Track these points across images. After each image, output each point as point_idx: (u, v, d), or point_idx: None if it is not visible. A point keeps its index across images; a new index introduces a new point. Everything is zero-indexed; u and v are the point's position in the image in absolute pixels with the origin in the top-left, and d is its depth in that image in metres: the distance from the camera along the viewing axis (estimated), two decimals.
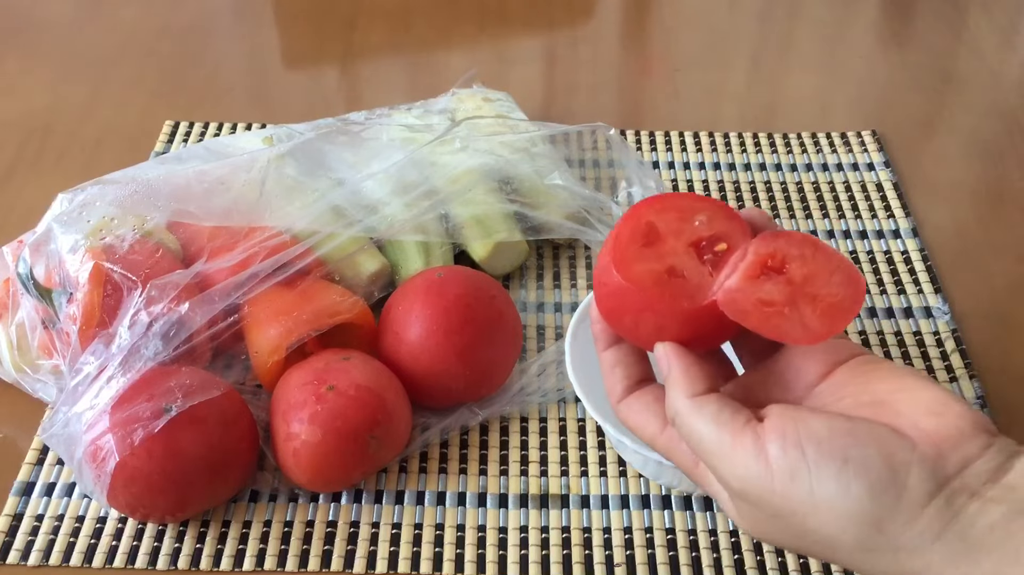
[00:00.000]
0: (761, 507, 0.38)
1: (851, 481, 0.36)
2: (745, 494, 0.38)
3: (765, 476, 0.37)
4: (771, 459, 0.37)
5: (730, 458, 0.38)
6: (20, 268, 0.59)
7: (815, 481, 0.36)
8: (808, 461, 0.37)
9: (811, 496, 0.36)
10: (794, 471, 0.37)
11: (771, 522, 0.38)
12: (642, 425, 0.43)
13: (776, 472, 0.37)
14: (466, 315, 0.59)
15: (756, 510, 0.38)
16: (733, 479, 0.38)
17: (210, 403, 0.53)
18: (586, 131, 0.81)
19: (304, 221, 0.62)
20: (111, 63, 0.93)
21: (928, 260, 0.72)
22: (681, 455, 0.42)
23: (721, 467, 0.38)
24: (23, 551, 0.55)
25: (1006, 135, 0.85)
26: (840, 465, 0.36)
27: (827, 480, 0.36)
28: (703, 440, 0.39)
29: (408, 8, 1.01)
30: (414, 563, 0.55)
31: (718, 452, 0.38)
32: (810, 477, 0.36)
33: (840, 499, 0.36)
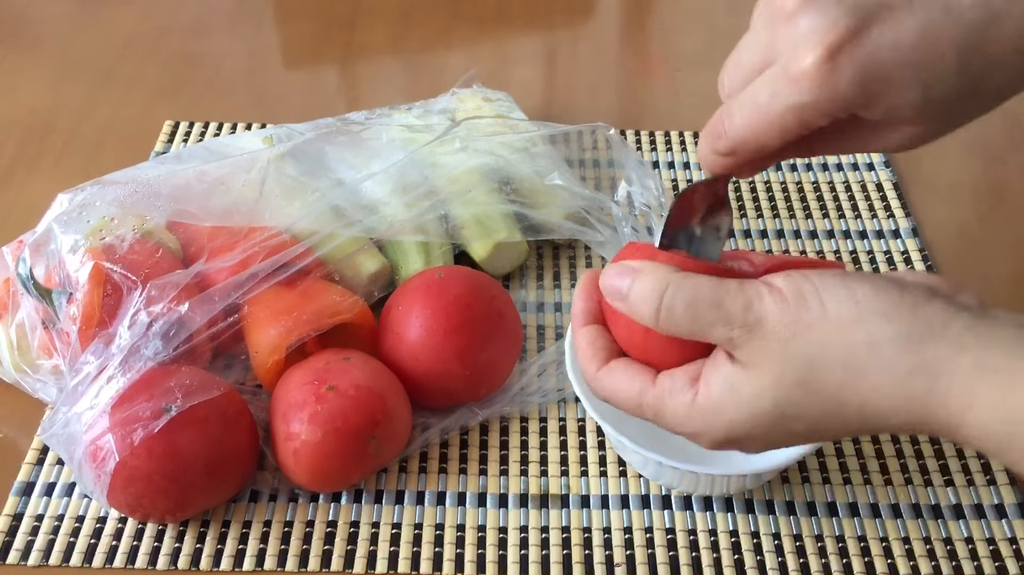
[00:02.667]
0: (777, 333, 0.39)
1: (855, 286, 0.38)
2: (761, 323, 0.39)
3: (778, 302, 0.39)
4: (780, 287, 0.39)
5: (742, 295, 0.39)
6: (20, 268, 0.59)
7: (823, 293, 0.38)
8: (813, 281, 0.39)
9: (821, 306, 0.38)
10: (803, 290, 0.39)
11: (786, 351, 0.39)
12: (628, 380, 0.43)
13: (788, 295, 0.39)
14: (466, 315, 0.59)
15: (770, 342, 0.39)
16: (748, 313, 0.39)
17: (210, 403, 0.53)
18: (586, 131, 0.81)
19: (304, 221, 0.62)
20: (111, 63, 0.93)
21: (928, 260, 0.72)
22: (675, 399, 0.42)
23: (732, 307, 0.39)
24: (23, 551, 0.55)
25: (1006, 135, 0.85)
26: (842, 279, 0.39)
27: (833, 290, 0.38)
28: (705, 297, 0.40)
29: (408, 8, 1.01)
30: (414, 563, 0.55)
31: (726, 298, 0.40)
32: (817, 291, 0.38)
33: (848, 301, 0.38)
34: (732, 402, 0.40)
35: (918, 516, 0.57)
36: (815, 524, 0.56)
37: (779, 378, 0.39)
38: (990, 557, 0.55)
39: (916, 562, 0.54)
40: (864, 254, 0.73)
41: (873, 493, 0.58)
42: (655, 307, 0.41)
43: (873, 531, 0.56)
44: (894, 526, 0.56)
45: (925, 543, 0.55)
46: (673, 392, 0.42)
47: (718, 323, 0.40)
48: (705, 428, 0.41)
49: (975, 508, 0.57)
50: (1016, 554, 0.55)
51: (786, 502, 0.57)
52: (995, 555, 0.55)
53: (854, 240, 0.74)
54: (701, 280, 0.40)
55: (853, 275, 0.39)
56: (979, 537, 0.56)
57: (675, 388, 0.42)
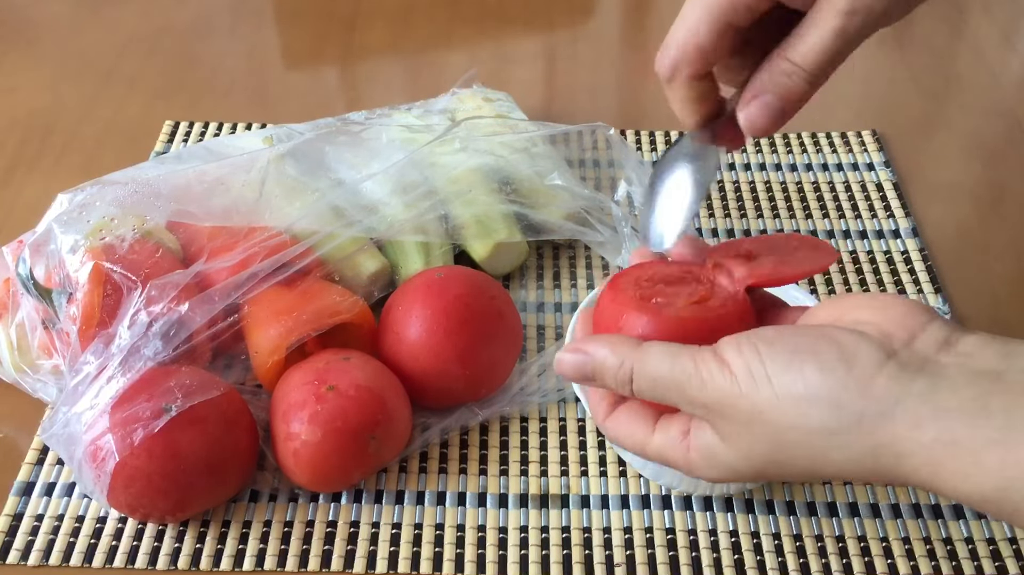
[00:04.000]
0: (735, 417, 0.39)
1: (803, 365, 0.38)
2: (720, 405, 0.40)
3: (731, 383, 0.39)
4: (731, 366, 0.39)
5: (698, 377, 0.40)
6: (20, 268, 0.59)
7: (771, 374, 0.38)
8: (762, 357, 0.39)
9: (772, 390, 0.38)
10: (752, 370, 0.39)
11: (748, 433, 0.39)
12: (631, 433, 0.45)
13: (739, 375, 0.39)
14: (466, 315, 0.59)
15: (733, 423, 0.40)
16: (705, 393, 0.40)
17: (210, 403, 0.53)
18: (586, 131, 0.80)
19: (304, 221, 0.62)
20: (111, 63, 0.93)
21: (928, 260, 0.72)
22: (674, 451, 0.43)
23: (691, 390, 0.40)
24: (23, 551, 0.55)
25: (1006, 135, 0.85)
26: (790, 355, 0.39)
27: (781, 370, 0.38)
28: (664, 378, 0.41)
29: (408, 8, 1.01)
30: (414, 563, 0.55)
31: (683, 380, 0.40)
32: (766, 371, 0.39)
33: (796, 384, 0.38)
34: (716, 464, 0.42)
35: (918, 516, 0.57)
36: (815, 524, 0.56)
37: (750, 455, 0.40)
38: (990, 557, 0.55)
39: (916, 562, 0.54)
40: (864, 254, 0.73)
41: (873, 493, 0.58)
42: (627, 388, 0.43)
43: (873, 531, 0.56)
44: (894, 526, 0.56)
45: (925, 543, 0.55)
46: (670, 446, 0.44)
47: (683, 403, 0.41)
48: (704, 473, 0.43)
49: None
50: (1016, 554, 0.55)
51: (786, 502, 0.57)
52: (995, 555, 0.55)
53: (854, 240, 0.74)
54: (658, 357, 0.41)
55: (803, 349, 0.39)
56: (979, 537, 0.56)
57: (669, 443, 0.43)
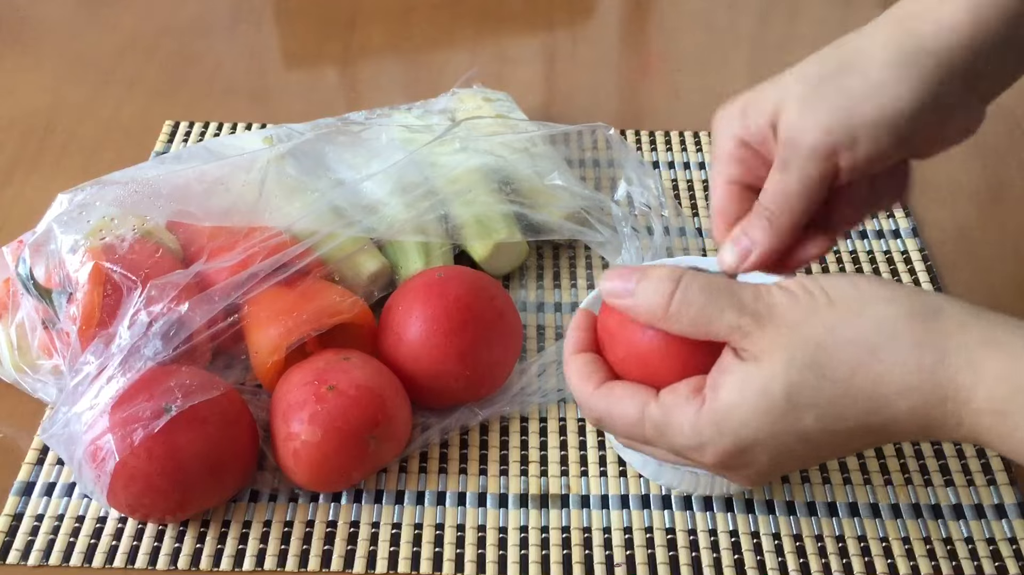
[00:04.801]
0: (787, 320, 0.40)
1: (857, 280, 0.41)
2: (769, 311, 0.40)
3: (786, 294, 0.41)
4: (787, 286, 0.41)
5: (752, 288, 0.41)
6: (20, 268, 0.59)
7: (829, 289, 0.40)
8: (819, 280, 0.41)
9: (828, 299, 0.40)
10: (809, 287, 0.41)
11: (795, 336, 0.40)
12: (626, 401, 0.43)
13: (795, 291, 0.41)
14: (466, 315, 0.59)
15: (780, 328, 0.40)
16: (757, 303, 0.41)
17: (210, 403, 0.53)
18: (586, 131, 0.80)
19: (304, 221, 0.62)
20: (111, 63, 0.93)
21: (928, 260, 0.72)
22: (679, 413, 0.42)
23: (744, 295, 0.41)
24: (23, 551, 0.55)
25: (1006, 135, 0.85)
26: (847, 279, 0.41)
27: (839, 285, 0.41)
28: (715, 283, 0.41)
29: (408, 8, 1.01)
30: (414, 563, 0.55)
31: (735, 287, 0.41)
32: (823, 288, 0.40)
33: (854, 293, 0.40)
34: (742, 399, 0.40)
35: (918, 516, 0.57)
36: (815, 524, 0.56)
37: (789, 363, 0.39)
38: (990, 557, 0.55)
39: (916, 562, 0.54)
40: (864, 254, 0.73)
41: (873, 493, 0.58)
42: (667, 296, 0.41)
43: (873, 531, 0.56)
44: (894, 526, 0.56)
45: (925, 543, 0.55)
46: (677, 404, 0.42)
47: (729, 308, 0.40)
48: (712, 437, 0.41)
49: (975, 508, 0.57)
50: (1016, 554, 0.55)
51: (786, 502, 0.57)
52: (995, 555, 0.55)
53: (854, 240, 0.74)
54: (712, 276, 0.42)
55: (855, 274, 0.42)
56: (979, 537, 0.56)
57: (679, 401, 0.42)
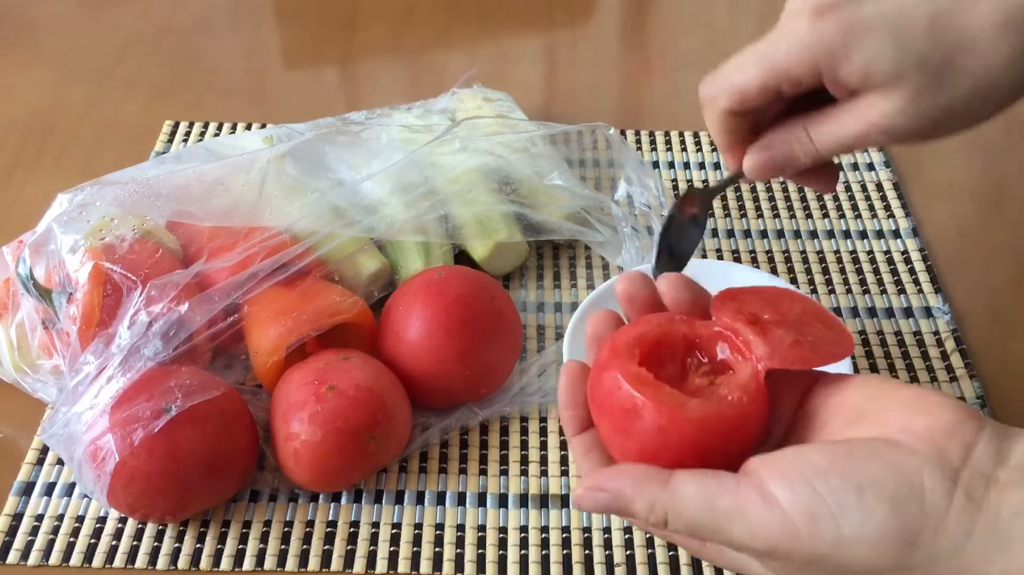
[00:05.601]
0: (791, 557, 0.36)
1: (873, 505, 0.35)
2: (773, 551, 0.36)
3: (787, 524, 0.35)
4: (784, 505, 0.35)
5: (743, 520, 0.36)
6: (20, 268, 0.59)
7: (839, 516, 0.35)
8: (824, 496, 0.35)
9: (839, 532, 0.35)
10: (813, 511, 0.35)
11: (805, 571, 0.36)
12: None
13: (796, 516, 0.35)
14: (466, 315, 0.59)
15: (786, 563, 0.36)
16: (755, 540, 0.36)
17: (210, 403, 0.53)
18: (586, 131, 0.81)
19: (304, 221, 0.62)
20: (111, 63, 0.93)
21: (928, 260, 0.72)
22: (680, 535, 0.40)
23: (736, 533, 0.36)
24: (23, 551, 0.55)
25: (1006, 135, 0.85)
26: (856, 492, 0.35)
27: (850, 511, 0.35)
28: (702, 521, 0.37)
29: (408, 8, 1.01)
30: (414, 563, 0.55)
31: (725, 523, 0.36)
32: (832, 514, 0.35)
33: (869, 526, 0.35)
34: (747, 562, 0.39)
35: None
36: None
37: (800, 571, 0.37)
38: None
39: None
40: (864, 254, 0.73)
41: None
42: (662, 533, 0.41)
43: None
44: None
45: None
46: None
47: (728, 548, 0.38)
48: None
49: None
50: None
51: None
52: None
53: (854, 240, 0.74)
54: (691, 499, 0.37)
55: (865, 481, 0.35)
56: None
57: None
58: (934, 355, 0.65)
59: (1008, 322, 0.69)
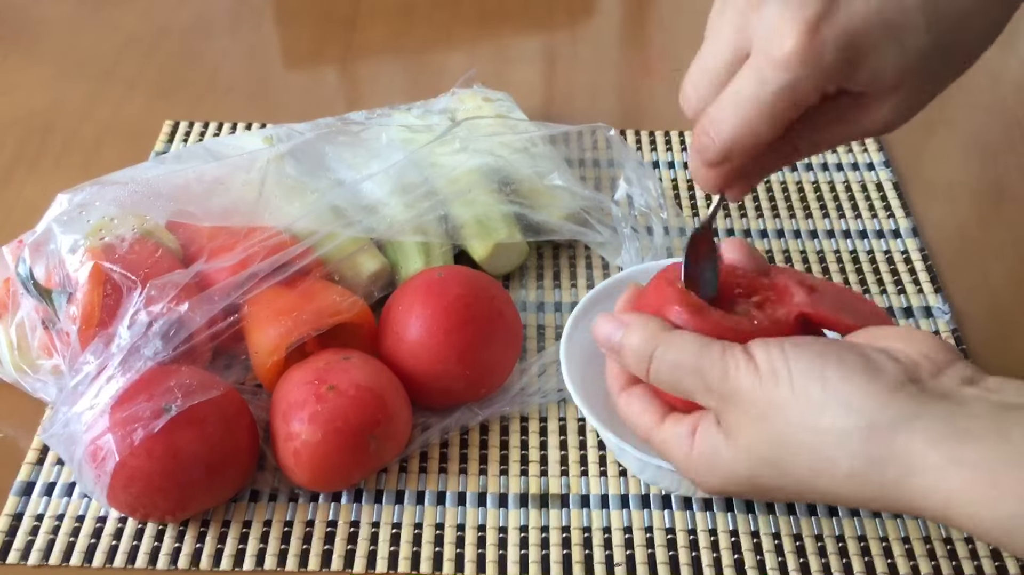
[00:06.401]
0: (748, 410, 0.39)
1: (825, 368, 0.38)
2: (736, 397, 0.40)
3: (752, 377, 0.39)
4: (757, 361, 0.39)
5: (722, 367, 0.40)
6: (20, 268, 0.59)
7: (793, 372, 0.38)
8: (788, 358, 0.39)
9: (791, 388, 0.38)
10: (775, 367, 0.39)
11: (757, 429, 0.39)
12: (643, 412, 0.45)
13: (762, 371, 0.39)
14: (466, 315, 0.59)
15: (744, 417, 0.40)
16: (724, 385, 0.40)
17: (210, 403, 0.53)
18: (586, 131, 0.81)
19: (304, 221, 0.62)
20: (111, 63, 0.93)
21: (928, 260, 0.72)
22: (678, 447, 0.43)
23: (711, 378, 0.40)
24: (23, 551, 0.55)
25: (1006, 135, 0.85)
26: (816, 357, 0.38)
27: (804, 371, 0.38)
28: (686, 363, 0.41)
29: (408, 8, 1.01)
30: (414, 563, 0.55)
31: (706, 367, 0.41)
32: (789, 371, 0.39)
33: (816, 385, 0.38)
34: (715, 464, 0.42)
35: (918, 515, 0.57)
36: (815, 524, 0.56)
37: (751, 454, 0.40)
38: (990, 557, 0.55)
39: (916, 562, 0.54)
40: (864, 254, 0.73)
41: None
42: (644, 366, 0.43)
43: (873, 531, 0.56)
44: (894, 526, 0.56)
45: (925, 543, 0.55)
46: (676, 440, 0.44)
47: (698, 390, 0.41)
48: (700, 477, 0.43)
49: None
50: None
51: (786, 502, 0.57)
52: (995, 555, 0.55)
53: (854, 240, 0.74)
54: (687, 343, 0.42)
55: (830, 354, 0.39)
56: None
57: (677, 438, 0.43)
58: None
59: (1008, 322, 0.69)
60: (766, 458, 0.39)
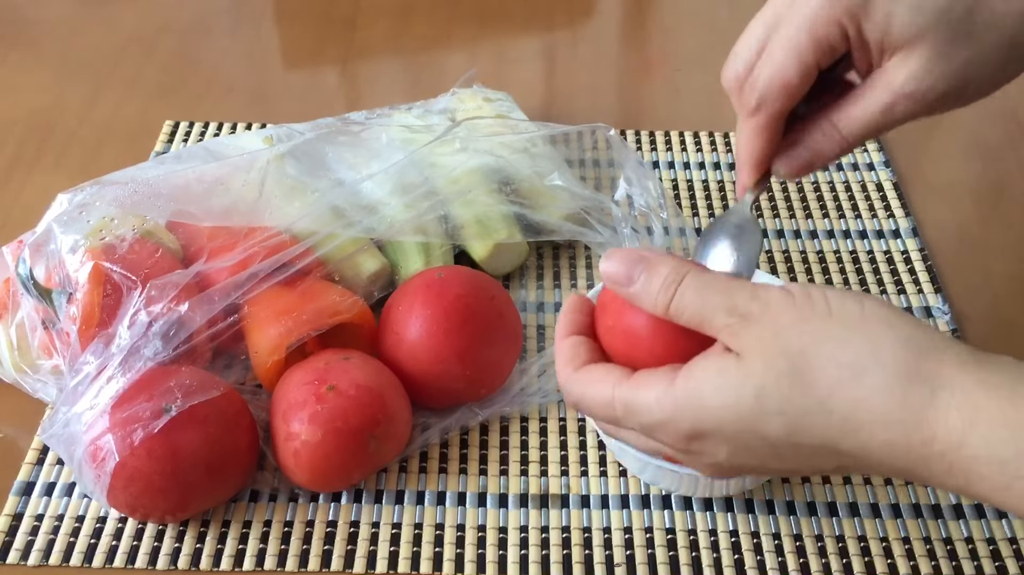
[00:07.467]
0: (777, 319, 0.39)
1: (862, 299, 0.39)
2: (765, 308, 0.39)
3: (784, 294, 0.39)
4: (788, 287, 0.40)
5: (751, 287, 0.40)
6: (20, 268, 0.59)
7: (831, 299, 0.39)
8: (822, 289, 0.39)
9: (827, 307, 0.39)
10: (811, 292, 0.39)
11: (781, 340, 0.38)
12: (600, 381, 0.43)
13: (795, 293, 0.39)
14: (466, 315, 0.59)
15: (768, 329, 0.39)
16: (753, 304, 0.39)
17: (210, 403, 0.53)
18: (586, 131, 0.80)
19: (304, 221, 0.62)
20: (111, 63, 0.93)
21: (928, 260, 0.72)
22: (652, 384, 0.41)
23: (740, 295, 0.40)
24: (23, 551, 0.55)
25: (1006, 135, 0.85)
26: (851, 295, 0.39)
27: (840, 298, 0.39)
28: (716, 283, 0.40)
29: (408, 8, 1.01)
30: (414, 563, 0.55)
31: (735, 287, 0.40)
32: (825, 296, 0.39)
33: (853, 308, 0.39)
34: (712, 389, 0.39)
35: (918, 516, 0.57)
36: (815, 524, 0.56)
37: (768, 367, 0.38)
38: (990, 557, 0.55)
39: (916, 562, 0.54)
40: (864, 254, 0.73)
41: (873, 493, 0.58)
42: (670, 293, 0.41)
43: (873, 531, 0.56)
44: (894, 526, 0.56)
45: (925, 543, 0.55)
46: (648, 382, 0.41)
47: (722, 310, 0.39)
48: (671, 416, 0.40)
49: (975, 508, 0.57)
50: (1016, 554, 0.55)
51: (786, 502, 0.57)
52: (995, 555, 0.55)
53: (854, 240, 0.74)
54: (717, 274, 0.42)
55: (863, 294, 0.40)
56: (979, 537, 0.56)
57: (651, 379, 0.41)
58: None
59: (1008, 322, 0.69)
60: (785, 369, 0.38)
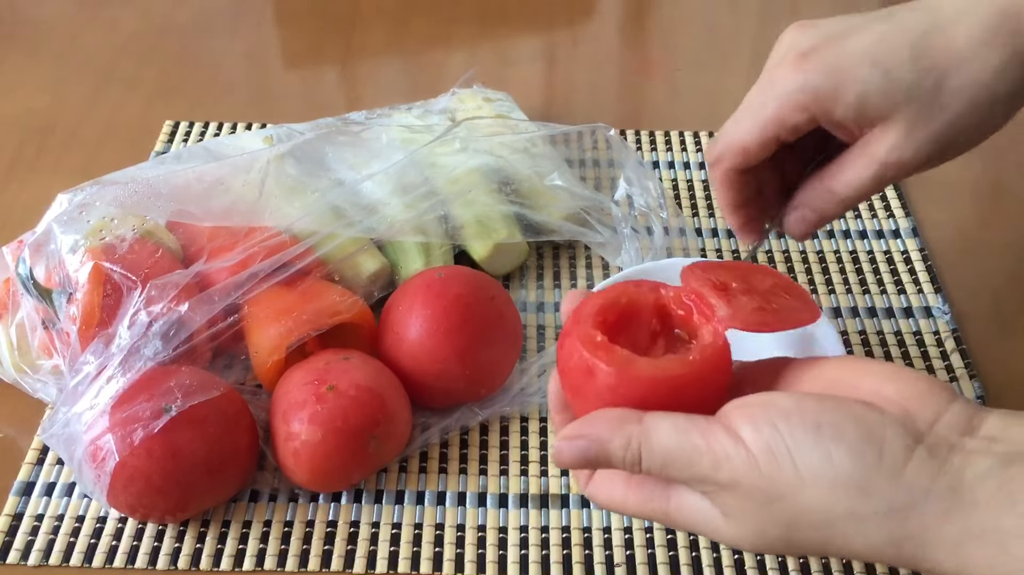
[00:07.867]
0: (752, 496, 0.37)
1: (829, 446, 0.36)
2: (736, 485, 0.37)
3: (749, 460, 0.36)
4: (748, 443, 0.36)
5: (710, 454, 0.37)
6: (20, 268, 0.59)
7: (796, 454, 0.36)
8: (783, 435, 0.36)
9: (795, 471, 0.36)
10: (773, 448, 0.36)
11: (764, 513, 0.37)
12: (608, 492, 0.42)
13: (757, 454, 0.36)
14: (466, 315, 0.59)
15: (747, 503, 0.37)
16: (720, 472, 0.37)
17: (210, 403, 0.53)
18: (586, 131, 0.81)
19: (304, 221, 0.62)
20: (111, 63, 0.93)
21: (928, 260, 0.72)
22: (652, 500, 0.41)
23: (704, 466, 0.37)
24: (23, 551, 0.55)
25: (1006, 135, 0.85)
26: (815, 432, 0.36)
27: (806, 450, 0.36)
28: (671, 453, 0.38)
29: (408, 8, 1.01)
30: (414, 563, 0.55)
31: (694, 456, 0.37)
32: (789, 451, 0.36)
33: (823, 466, 0.36)
34: (708, 531, 0.40)
35: None
36: None
37: (759, 534, 0.38)
38: None
39: None
40: (864, 254, 0.73)
41: None
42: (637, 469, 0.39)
43: None
44: None
45: None
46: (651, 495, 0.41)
47: (694, 481, 0.39)
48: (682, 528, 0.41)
49: None
50: None
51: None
52: None
53: (854, 240, 0.74)
54: (665, 434, 0.38)
55: (824, 424, 0.36)
56: None
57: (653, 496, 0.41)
58: (934, 355, 0.65)
59: (1008, 322, 0.69)
60: (776, 536, 0.37)
